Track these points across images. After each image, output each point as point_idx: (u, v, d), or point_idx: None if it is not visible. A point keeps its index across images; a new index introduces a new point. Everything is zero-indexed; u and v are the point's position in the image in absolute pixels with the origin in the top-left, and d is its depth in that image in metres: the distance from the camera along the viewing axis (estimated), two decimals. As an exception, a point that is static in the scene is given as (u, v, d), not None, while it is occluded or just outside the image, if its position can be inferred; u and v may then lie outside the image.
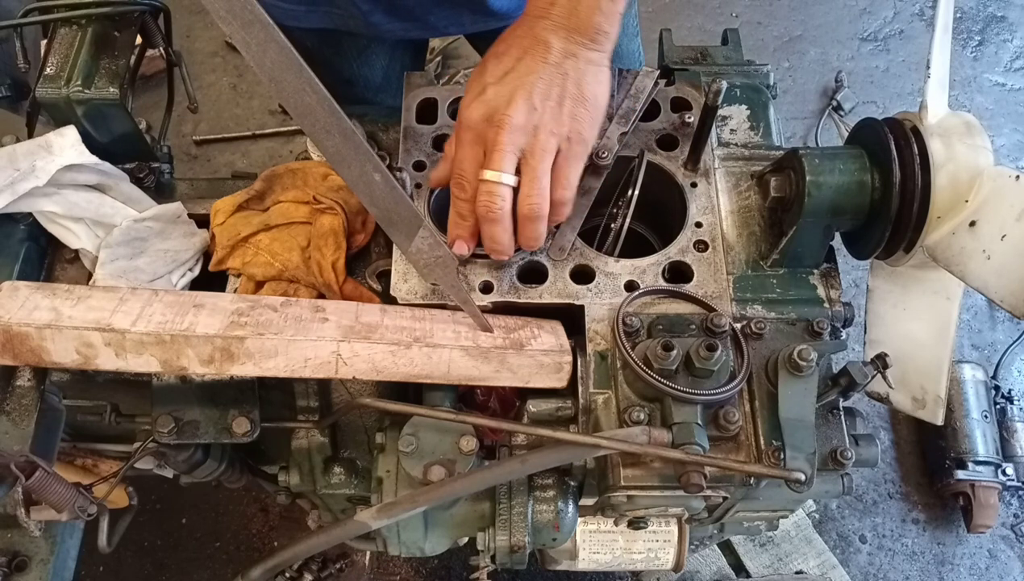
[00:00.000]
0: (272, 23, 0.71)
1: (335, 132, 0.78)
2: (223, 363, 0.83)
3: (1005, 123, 2.54)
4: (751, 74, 1.11)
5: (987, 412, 1.97)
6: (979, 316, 2.24)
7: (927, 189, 0.86)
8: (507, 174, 0.83)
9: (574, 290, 0.93)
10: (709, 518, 1.01)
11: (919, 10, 2.75)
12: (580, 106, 0.84)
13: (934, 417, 1.01)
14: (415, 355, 0.85)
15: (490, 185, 0.83)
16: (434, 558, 1.90)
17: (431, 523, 0.96)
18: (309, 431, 1.01)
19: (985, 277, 0.83)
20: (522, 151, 0.83)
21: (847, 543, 1.97)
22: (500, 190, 0.83)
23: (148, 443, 0.94)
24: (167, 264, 1.01)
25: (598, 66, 0.85)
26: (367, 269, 1.01)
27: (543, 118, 0.83)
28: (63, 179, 0.97)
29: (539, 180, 0.84)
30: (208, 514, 1.97)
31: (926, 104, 0.88)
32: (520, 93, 0.82)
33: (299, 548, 0.92)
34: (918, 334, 1.00)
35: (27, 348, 0.82)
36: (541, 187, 0.84)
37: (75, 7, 1.04)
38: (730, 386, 0.83)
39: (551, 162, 0.84)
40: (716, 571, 1.82)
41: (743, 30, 1.19)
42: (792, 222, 0.92)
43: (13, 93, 1.13)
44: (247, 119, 2.54)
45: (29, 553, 1.06)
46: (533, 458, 0.85)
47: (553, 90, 0.83)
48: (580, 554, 1.10)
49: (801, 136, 2.54)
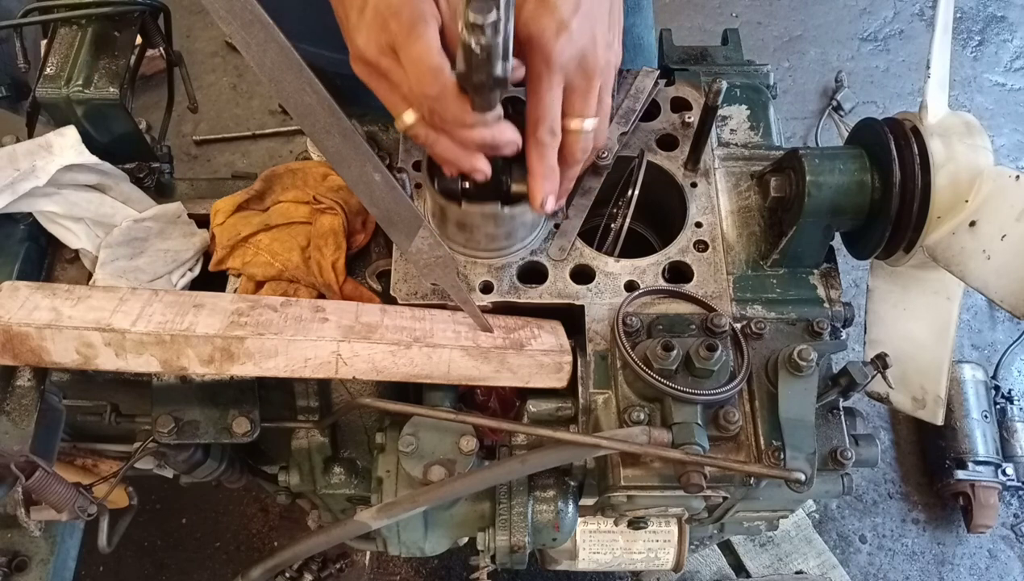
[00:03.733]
0: (272, 23, 0.71)
1: (335, 132, 0.78)
2: (223, 363, 0.83)
3: (1005, 123, 2.54)
4: (751, 74, 1.11)
5: (987, 412, 1.97)
6: (979, 316, 2.24)
7: (927, 189, 0.86)
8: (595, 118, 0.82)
9: (574, 290, 0.93)
10: (709, 518, 1.01)
11: (919, 10, 2.75)
12: (619, 34, 0.84)
13: (934, 417, 1.01)
14: (415, 355, 0.85)
15: (587, 134, 0.82)
16: (434, 558, 1.90)
17: (431, 523, 0.96)
18: (309, 431, 1.01)
19: (985, 277, 0.83)
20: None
21: (847, 543, 1.97)
22: (591, 137, 0.82)
23: (148, 443, 0.94)
24: (167, 264, 1.01)
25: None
26: (367, 269, 1.01)
27: (612, 54, 0.81)
28: (63, 179, 0.97)
29: (608, 116, 0.86)
30: (208, 514, 1.97)
31: (926, 104, 0.88)
32: (598, 30, 0.79)
33: (299, 548, 0.92)
34: (918, 334, 1.00)
35: (27, 348, 0.82)
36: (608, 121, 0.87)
37: (75, 7, 1.05)
38: (730, 386, 0.83)
39: None
40: (716, 571, 1.82)
41: (743, 30, 1.19)
42: (792, 222, 0.92)
43: (13, 93, 1.13)
44: (247, 119, 2.54)
45: (29, 553, 1.06)
46: (533, 458, 0.85)
47: (610, 19, 0.81)
48: (580, 554, 1.10)
49: (801, 136, 2.53)
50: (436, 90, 0.73)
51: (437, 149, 0.80)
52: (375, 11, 0.74)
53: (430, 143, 0.80)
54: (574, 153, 0.83)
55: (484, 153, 0.80)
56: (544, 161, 0.82)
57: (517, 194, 0.88)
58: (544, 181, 0.82)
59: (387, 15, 0.73)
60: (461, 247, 0.94)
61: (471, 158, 0.80)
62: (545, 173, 0.82)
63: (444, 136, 0.78)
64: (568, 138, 0.82)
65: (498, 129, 0.78)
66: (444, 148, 0.80)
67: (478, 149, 0.79)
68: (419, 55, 0.72)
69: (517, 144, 0.80)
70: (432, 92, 0.74)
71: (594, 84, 0.80)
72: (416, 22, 0.72)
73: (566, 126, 0.81)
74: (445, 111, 0.75)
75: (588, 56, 0.78)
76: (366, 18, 0.75)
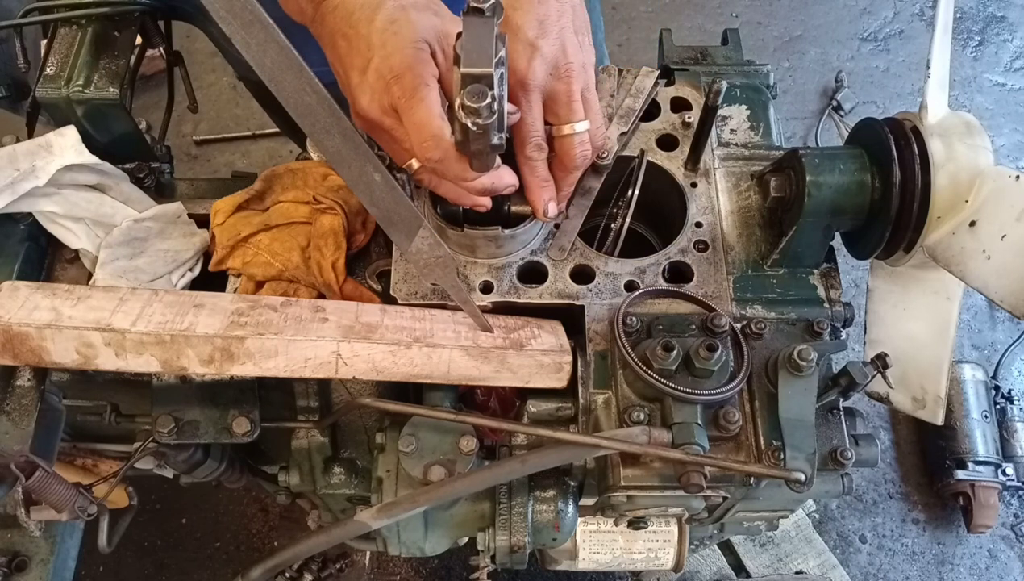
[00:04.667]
0: (272, 23, 0.71)
1: (335, 132, 0.78)
2: (223, 363, 0.83)
3: (1005, 123, 2.54)
4: (751, 74, 1.11)
5: (987, 412, 1.97)
6: (979, 316, 2.24)
7: (927, 189, 0.86)
8: (584, 120, 0.84)
9: (574, 290, 0.93)
10: (709, 518, 1.01)
11: (919, 10, 2.75)
12: (587, 33, 0.87)
13: (934, 417, 1.01)
14: (415, 355, 0.85)
15: (580, 136, 0.84)
16: (434, 558, 1.90)
17: (431, 523, 0.96)
18: (309, 431, 1.01)
19: (985, 277, 0.83)
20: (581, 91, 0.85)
21: (847, 543, 1.97)
22: (585, 137, 0.85)
23: (148, 443, 0.94)
24: (167, 264, 1.01)
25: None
26: (367, 269, 1.01)
27: (585, 54, 0.84)
28: (63, 179, 0.97)
29: (599, 112, 0.88)
30: (208, 514, 1.97)
31: (926, 104, 0.88)
32: (567, 37, 0.82)
33: (299, 548, 0.92)
34: (918, 334, 1.00)
35: (27, 348, 0.82)
36: (602, 117, 0.89)
37: (75, 7, 1.05)
38: (730, 386, 0.83)
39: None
40: (716, 571, 1.82)
41: (743, 30, 1.19)
42: (792, 222, 0.92)
43: (13, 93, 1.13)
44: (247, 119, 2.54)
45: (29, 553, 1.06)
46: (533, 458, 0.85)
47: (575, 23, 0.85)
48: (580, 554, 1.10)
49: (801, 136, 2.54)
50: (438, 155, 0.77)
51: (440, 192, 0.86)
52: (377, 73, 0.77)
53: (433, 186, 0.86)
54: (572, 158, 0.86)
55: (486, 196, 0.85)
56: (536, 175, 0.86)
57: (518, 215, 0.91)
58: (541, 192, 0.87)
59: (389, 78, 0.76)
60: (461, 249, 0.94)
61: (473, 199, 0.85)
62: (540, 185, 0.87)
63: (447, 182, 0.84)
64: (563, 144, 0.85)
65: (497, 177, 0.82)
66: (447, 191, 0.85)
67: (479, 194, 0.84)
68: (421, 121, 0.76)
69: (515, 185, 0.85)
70: (434, 157, 0.77)
71: (574, 90, 0.83)
72: (418, 86, 0.75)
73: (558, 133, 0.84)
74: (447, 172, 0.80)
75: (561, 67, 0.82)
76: (368, 80, 0.78)
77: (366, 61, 0.78)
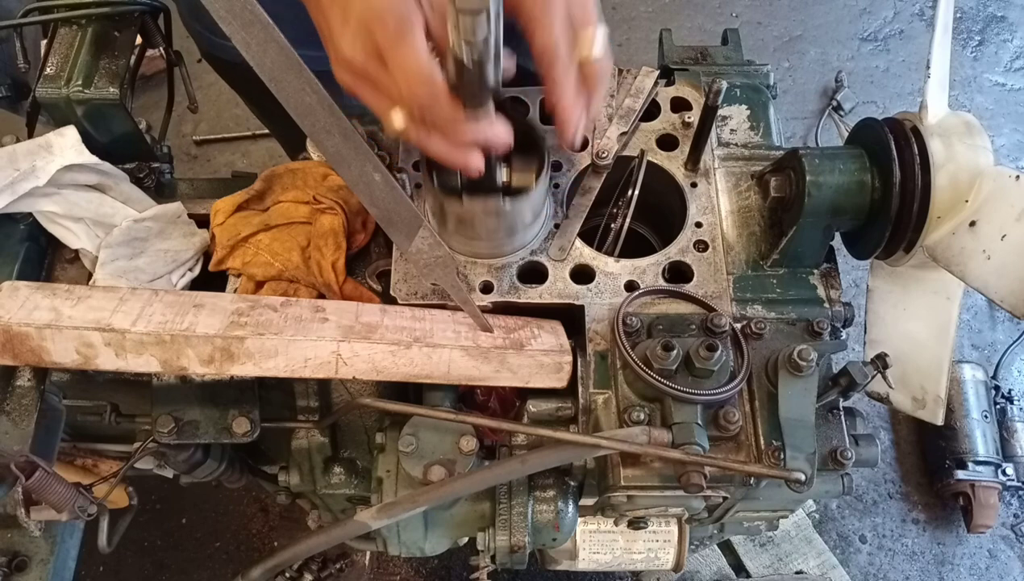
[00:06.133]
0: (272, 23, 0.71)
1: (335, 132, 0.78)
2: (223, 363, 0.83)
3: (1005, 123, 2.54)
4: (751, 74, 1.11)
5: (987, 412, 1.97)
6: (979, 316, 2.24)
7: (927, 189, 0.86)
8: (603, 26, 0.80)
9: (574, 290, 0.93)
10: (709, 518, 1.01)
11: (919, 10, 2.75)
12: None
13: (934, 417, 1.01)
14: (415, 355, 0.85)
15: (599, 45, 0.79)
16: (434, 558, 1.90)
17: (431, 523, 0.96)
18: (309, 431, 1.01)
19: (985, 277, 0.83)
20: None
21: (847, 543, 1.97)
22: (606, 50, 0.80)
23: (148, 443, 0.94)
24: (167, 264, 1.01)
25: None
26: (367, 269, 1.01)
27: None
28: (63, 179, 0.97)
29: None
30: (208, 514, 1.97)
31: (926, 104, 0.88)
32: None
33: (299, 548, 0.92)
34: (918, 334, 1.00)
35: (27, 348, 0.82)
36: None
37: (75, 7, 1.05)
38: (730, 386, 0.83)
39: None
40: (716, 571, 1.82)
41: (743, 30, 1.19)
42: (792, 222, 0.92)
43: (13, 93, 1.13)
44: (247, 119, 2.53)
45: (29, 553, 1.06)
46: (533, 458, 0.85)
47: None
48: (580, 554, 1.10)
49: (801, 136, 2.54)
50: (428, 96, 0.73)
51: (430, 147, 0.80)
52: (359, 18, 0.73)
53: (422, 142, 0.80)
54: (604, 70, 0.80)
55: (478, 151, 0.80)
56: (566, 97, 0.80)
57: (518, 186, 0.88)
58: (574, 115, 0.81)
59: (372, 21, 0.73)
60: (461, 247, 0.94)
61: (464, 155, 0.80)
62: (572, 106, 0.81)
63: (436, 134, 0.78)
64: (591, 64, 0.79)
65: (491, 127, 0.78)
66: (437, 146, 0.80)
67: (472, 147, 0.79)
68: (408, 62, 0.72)
69: (510, 143, 0.80)
70: (424, 98, 0.74)
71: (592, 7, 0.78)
72: (403, 27, 0.72)
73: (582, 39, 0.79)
74: (437, 115, 0.75)
75: None
76: (350, 25, 0.74)
77: (347, 6, 0.74)
